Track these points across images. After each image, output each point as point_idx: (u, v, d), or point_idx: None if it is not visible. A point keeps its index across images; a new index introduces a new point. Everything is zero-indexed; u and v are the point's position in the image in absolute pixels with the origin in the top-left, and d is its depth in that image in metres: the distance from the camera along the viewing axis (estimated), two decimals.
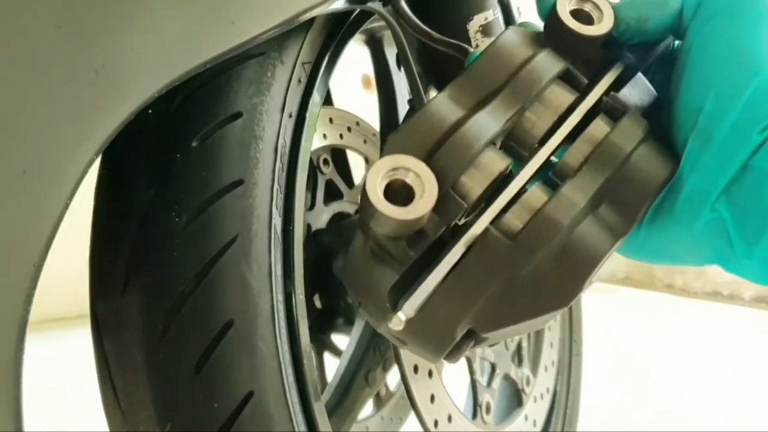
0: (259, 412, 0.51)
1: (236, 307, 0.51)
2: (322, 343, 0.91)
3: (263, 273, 0.53)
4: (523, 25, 0.40)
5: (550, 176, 0.36)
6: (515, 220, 0.33)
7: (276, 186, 0.55)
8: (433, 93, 0.64)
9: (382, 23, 0.61)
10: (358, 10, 0.60)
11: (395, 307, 0.32)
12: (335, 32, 0.64)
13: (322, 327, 0.84)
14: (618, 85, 0.39)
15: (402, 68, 0.66)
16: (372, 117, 0.90)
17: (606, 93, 0.38)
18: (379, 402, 0.95)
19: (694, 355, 1.83)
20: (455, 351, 0.34)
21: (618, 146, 0.35)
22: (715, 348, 1.89)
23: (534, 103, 0.36)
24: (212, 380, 0.50)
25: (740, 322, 2.34)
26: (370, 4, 0.57)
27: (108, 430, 0.55)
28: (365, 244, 0.33)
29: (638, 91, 0.39)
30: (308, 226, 0.81)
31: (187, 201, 0.50)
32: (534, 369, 0.87)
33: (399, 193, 0.31)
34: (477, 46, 0.62)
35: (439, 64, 0.65)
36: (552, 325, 0.95)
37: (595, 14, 0.38)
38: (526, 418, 0.83)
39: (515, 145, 0.36)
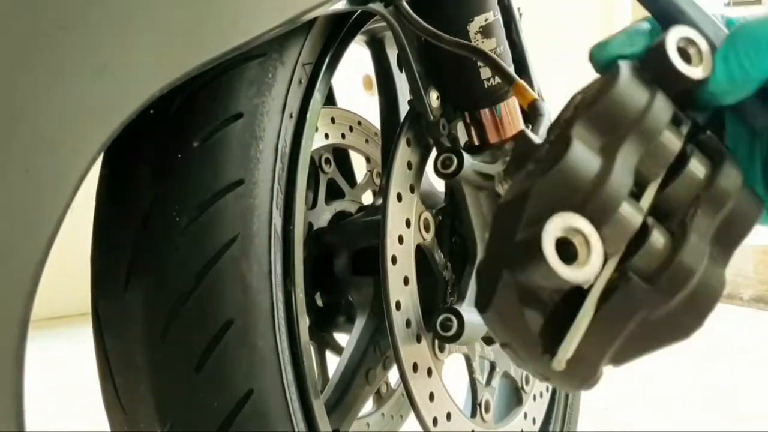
0: (259, 410, 0.52)
1: (236, 306, 0.51)
2: (323, 341, 0.91)
3: (263, 272, 0.53)
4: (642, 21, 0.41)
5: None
6: (647, 264, 0.35)
7: (276, 186, 0.55)
8: (433, 93, 0.64)
9: (383, 24, 0.62)
10: (359, 11, 0.60)
11: (546, 349, 0.35)
12: (336, 33, 0.64)
13: (323, 325, 0.84)
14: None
15: (403, 69, 0.66)
16: (373, 117, 0.90)
17: (700, 133, 0.40)
18: (380, 399, 0.95)
19: (692, 353, 1.83)
20: (592, 382, 0.37)
21: (726, 191, 0.38)
22: (714, 347, 1.89)
23: (651, 151, 0.37)
24: (212, 378, 0.50)
25: (739, 322, 2.34)
26: (371, 5, 0.57)
27: (109, 427, 0.55)
28: (515, 287, 0.35)
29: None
30: (310, 225, 0.81)
31: (188, 200, 0.50)
32: None
33: (561, 249, 0.33)
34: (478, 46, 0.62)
35: (439, 65, 0.65)
36: None
37: (695, 58, 0.38)
38: (525, 416, 0.83)
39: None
